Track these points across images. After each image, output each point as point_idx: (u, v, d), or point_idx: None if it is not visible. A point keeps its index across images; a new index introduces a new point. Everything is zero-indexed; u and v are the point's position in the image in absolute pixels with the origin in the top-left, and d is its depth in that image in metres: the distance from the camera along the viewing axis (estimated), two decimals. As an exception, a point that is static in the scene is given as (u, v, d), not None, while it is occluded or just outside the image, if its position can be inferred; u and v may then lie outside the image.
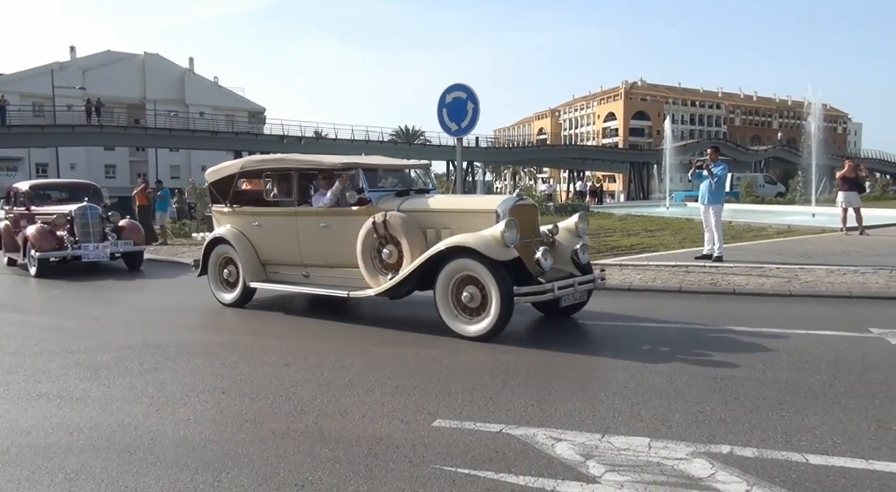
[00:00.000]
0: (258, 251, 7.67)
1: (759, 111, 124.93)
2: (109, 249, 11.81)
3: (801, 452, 3.24)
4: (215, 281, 8.08)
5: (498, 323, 5.69)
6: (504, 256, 5.65)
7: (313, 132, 56.60)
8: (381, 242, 6.48)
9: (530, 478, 3.02)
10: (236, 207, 7.96)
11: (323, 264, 7.16)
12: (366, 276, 6.56)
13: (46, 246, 11.33)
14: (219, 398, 4.34)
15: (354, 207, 6.73)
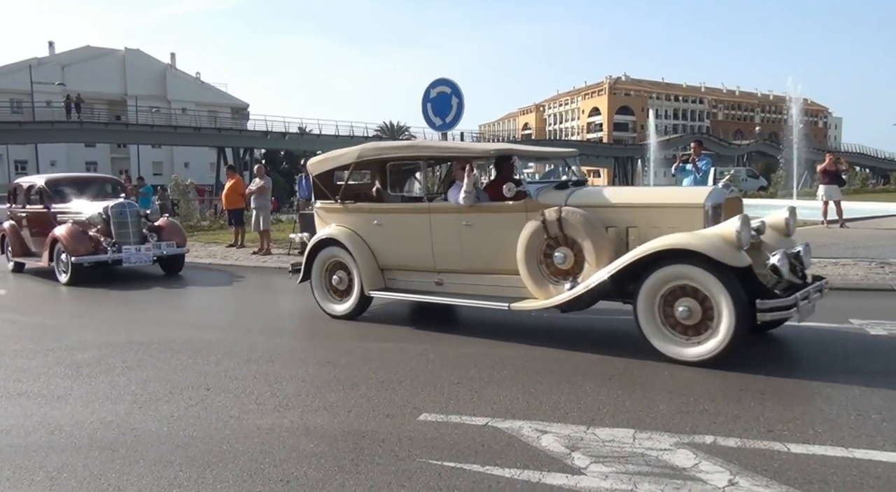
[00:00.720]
0: (376, 255, 6.53)
1: (742, 106, 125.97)
2: (153, 252, 10.28)
3: (783, 441, 3.28)
4: (322, 290, 6.87)
5: (730, 344, 4.53)
6: (739, 262, 4.54)
7: (297, 128, 56.29)
8: (552, 243, 5.38)
9: (516, 470, 3.03)
10: (349, 203, 6.82)
11: (463, 270, 6.03)
12: (529, 284, 5.45)
13: (81, 249, 9.82)
14: (203, 395, 4.31)
15: (509, 202, 5.65)
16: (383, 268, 6.55)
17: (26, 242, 11.46)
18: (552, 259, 5.37)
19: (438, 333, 6.09)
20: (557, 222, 5.27)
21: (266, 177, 13.67)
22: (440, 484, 2.93)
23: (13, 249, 11.73)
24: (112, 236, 10.08)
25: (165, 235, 10.72)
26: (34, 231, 11.23)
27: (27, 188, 11.70)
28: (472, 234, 5.88)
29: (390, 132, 76.65)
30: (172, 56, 72.07)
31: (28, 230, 11.44)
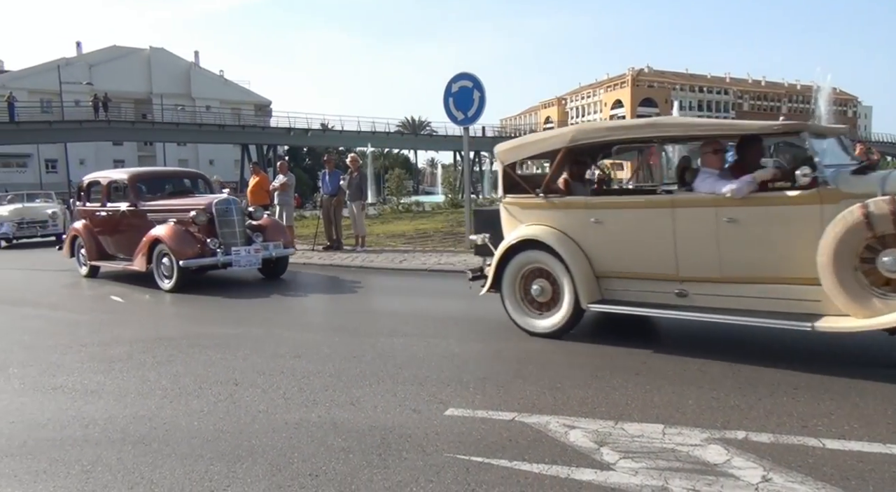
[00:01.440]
0: (592, 259, 5.40)
1: (768, 96, 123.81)
2: (262, 254, 9.21)
3: (818, 436, 3.22)
4: (517, 302, 5.70)
5: None
6: None
7: (320, 124, 56.58)
8: (876, 245, 4.14)
9: (544, 465, 3.02)
10: (555, 197, 5.65)
11: (719, 278, 4.84)
12: (839, 297, 4.22)
13: (189, 252, 8.71)
14: (231, 390, 4.35)
15: (795, 192, 4.50)
16: (599, 275, 5.41)
17: (102, 244, 10.40)
18: (877, 265, 4.11)
19: (463, 329, 6.08)
20: (892, 216, 4.01)
21: (289, 173, 13.76)
22: (468, 479, 2.92)
23: (88, 252, 10.51)
24: (217, 237, 8.96)
25: (270, 235, 9.58)
26: (117, 231, 10.10)
27: (107, 184, 10.43)
28: (737, 232, 4.68)
29: (412, 127, 76.79)
30: (196, 54, 72.91)
31: (107, 230, 10.28)
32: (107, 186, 10.44)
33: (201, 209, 9.13)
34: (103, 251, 10.43)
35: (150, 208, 9.71)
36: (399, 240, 13.83)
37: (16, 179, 52.00)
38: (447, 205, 21.73)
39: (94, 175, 11.31)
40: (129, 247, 9.67)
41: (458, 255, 11.10)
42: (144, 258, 9.09)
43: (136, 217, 9.74)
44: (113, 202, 10.27)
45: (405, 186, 25.60)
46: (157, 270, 9.01)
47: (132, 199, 9.86)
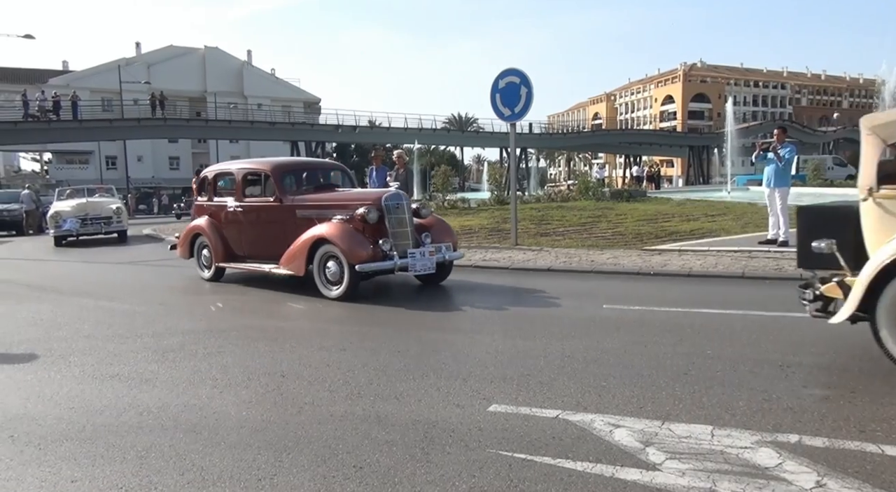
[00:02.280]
0: None
1: (828, 90, 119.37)
2: (436, 258, 7.83)
3: (877, 442, 3.09)
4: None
5: None
6: None
7: (367, 121, 57.10)
8: None
9: (588, 464, 2.98)
10: None
11: None
12: None
13: (363, 254, 7.35)
14: (279, 381, 4.44)
15: None
16: None
17: (231, 244, 9.14)
18: None
19: (506, 325, 6.06)
20: None
21: (337, 169, 13.93)
22: (511, 475, 2.91)
23: (215, 253, 9.20)
24: (388, 237, 7.64)
25: (438, 235, 8.27)
26: (255, 230, 8.83)
27: (243, 177, 9.11)
28: None
29: (458, 124, 76.76)
30: (249, 53, 74.46)
31: (241, 228, 9.01)
32: (242, 179, 9.10)
33: (370, 205, 7.67)
34: (231, 252, 9.15)
35: (303, 204, 8.29)
36: (444, 236, 13.83)
37: (78, 175, 54.15)
38: (493, 202, 21.64)
39: (220, 166, 10.16)
40: (268, 247, 8.47)
41: (501, 251, 11.06)
42: (302, 261, 7.72)
43: (282, 214, 8.36)
44: (251, 197, 9.00)
45: (451, 183, 25.54)
46: (319, 275, 7.68)
47: (277, 193, 8.46)
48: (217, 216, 9.41)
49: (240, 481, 2.95)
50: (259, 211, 8.85)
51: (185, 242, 9.86)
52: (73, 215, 17.04)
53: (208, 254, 9.43)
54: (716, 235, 12.09)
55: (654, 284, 8.08)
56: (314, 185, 9.05)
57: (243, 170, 9.28)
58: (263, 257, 8.63)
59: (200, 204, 9.82)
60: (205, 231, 9.39)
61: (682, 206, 18.96)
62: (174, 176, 63.48)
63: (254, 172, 9.26)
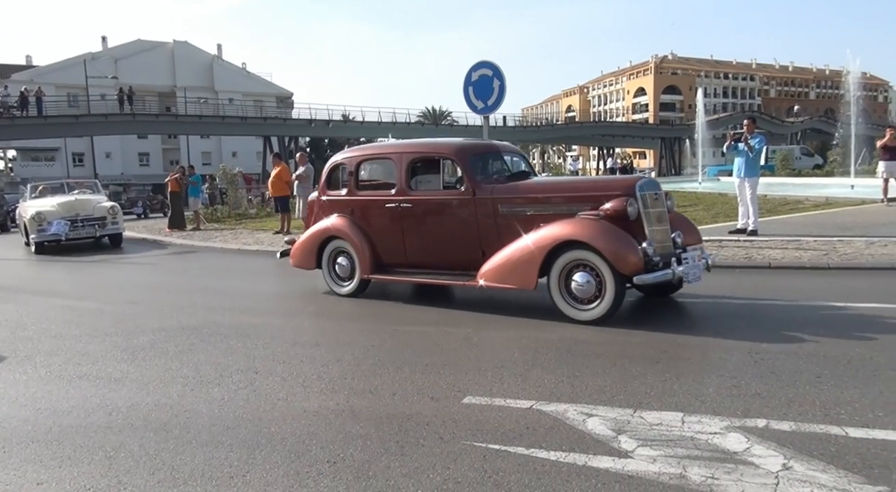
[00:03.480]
0: None
1: (795, 82, 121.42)
2: (703, 263, 6.00)
3: (841, 425, 3.16)
4: None
5: None
6: None
7: (341, 115, 56.72)
8: None
9: (561, 453, 3.01)
10: None
11: None
12: None
13: (637, 262, 5.41)
14: (252, 378, 4.40)
15: None
16: None
17: (383, 249, 7.04)
18: None
19: (481, 317, 6.08)
20: None
21: (308, 164, 13.84)
22: (485, 466, 2.92)
23: (363, 262, 7.06)
24: (646, 237, 5.62)
25: (687, 234, 6.33)
26: (427, 231, 6.76)
27: (410, 164, 6.86)
28: None
29: (432, 117, 76.62)
30: (219, 47, 73.41)
31: (404, 230, 6.83)
32: (409, 166, 6.84)
33: (622, 195, 5.69)
34: (382, 260, 7.08)
35: (512, 196, 6.28)
36: (419, 230, 13.83)
37: (44, 172, 52.95)
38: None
39: (362, 151, 7.72)
40: (447, 253, 6.59)
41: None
42: (532, 272, 5.72)
43: (476, 210, 6.32)
44: (423, 189, 6.88)
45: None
46: (560, 288, 5.67)
47: (468, 183, 6.36)
48: (363, 215, 7.17)
49: (211, 479, 2.91)
50: (437, 207, 6.68)
51: (308, 249, 7.59)
52: (60, 216, 13.82)
53: (347, 263, 7.28)
54: (687, 225, 12.22)
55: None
56: (501, 173, 6.86)
57: (408, 154, 6.96)
58: (436, 266, 6.68)
59: (332, 200, 7.49)
60: (345, 234, 7.17)
61: (655, 197, 19.11)
62: (144, 172, 62.39)
63: (426, 156, 7.03)
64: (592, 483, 2.72)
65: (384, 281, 7.27)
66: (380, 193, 7.14)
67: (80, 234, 14.04)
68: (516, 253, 5.89)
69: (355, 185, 7.29)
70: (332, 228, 7.34)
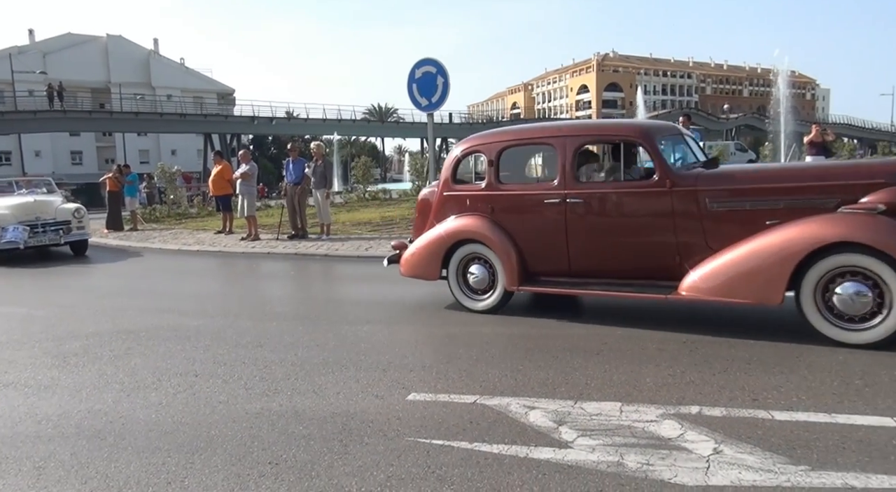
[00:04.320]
0: None
1: (730, 80, 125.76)
2: None
3: (768, 409, 3.31)
4: None
5: None
6: None
7: (285, 112, 55.81)
8: None
9: (504, 446, 3.05)
10: None
11: None
12: None
13: None
14: (191, 381, 4.30)
15: None
16: None
17: (533, 255, 5.76)
18: None
19: (427, 315, 6.10)
20: None
21: (251, 162, 13.59)
22: (428, 462, 2.94)
23: (510, 270, 5.73)
24: None
25: None
26: (604, 232, 5.47)
27: (577, 150, 5.59)
28: None
29: (379, 114, 76.18)
30: (155, 42, 71.21)
31: (569, 231, 5.54)
32: (576, 153, 5.57)
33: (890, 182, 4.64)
34: (527, 267, 5.81)
35: (728, 188, 5.11)
36: (365, 228, 13.77)
37: (-32, 172, 50.31)
38: (414, 192, 21.68)
39: (504, 135, 6.17)
40: (633, 260, 5.39)
41: (423, 241, 11.08)
42: (780, 282, 4.54)
43: (674, 204, 5.17)
44: (593, 179, 5.75)
45: (372, 174, 25.37)
46: (817, 303, 4.50)
47: (660, 172, 5.20)
48: (509, 213, 5.89)
49: (148, 486, 2.84)
50: (617, 202, 5.48)
51: (430, 255, 6.17)
52: (17, 221, 11.83)
53: (483, 272, 5.94)
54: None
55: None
56: (686, 159, 5.78)
57: (575, 138, 5.61)
58: (612, 275, 5.48)
59: (461, 195, 6.16)
60: (484, 237, 5.88)
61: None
62: (77, 171, 59.91)
63: (601, 139, 6.03)
64: (533, 474, 2.77)
65: (539, 293, 6.14)
66: (533, 187, 5.94)
67: (42, 240, 12.05)
68: (748, 259, 4.70)
69: (496, 177, 5.93)
70: (466, 229, 5.98)
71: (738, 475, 2.65)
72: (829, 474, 2.62)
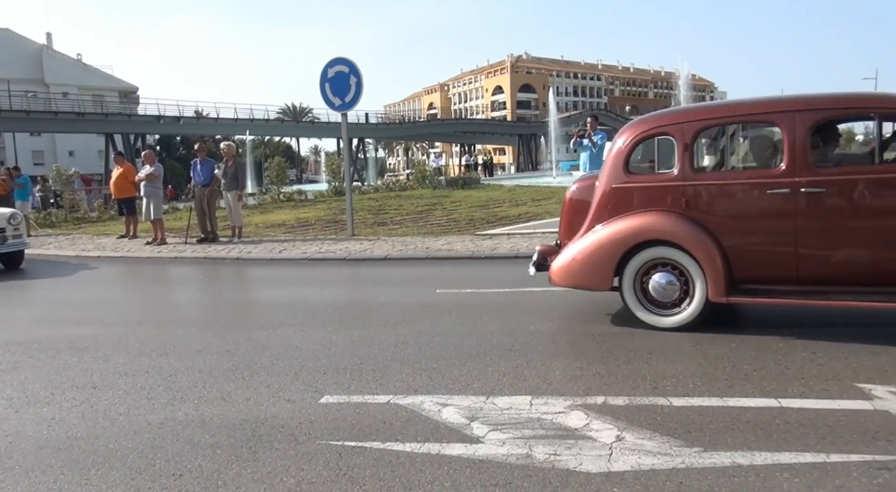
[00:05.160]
0: None
1: (636, 82, 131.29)
2: None
3: (667, 396, 3.48)
4: None
5: None
6: None
7: (193, 112, 53.75)
8: None
9: (416, 444, 3.06)
10: None
11: None
12: None
13: None
14: (89, 394, 4.07)
15: None
16: None
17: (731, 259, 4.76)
18: None
19: (341, 316, 6.04)
20: None
21: (157, 163, 13.01)
22: (340, 464, 2.91)
23: (713, 279, 4.71)
24: None
25: None
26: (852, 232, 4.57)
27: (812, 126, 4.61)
28: None
29: (293, 114, 74.70)
30: (49, 36, 66.77)
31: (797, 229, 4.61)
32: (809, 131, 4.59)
33: None
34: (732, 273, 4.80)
35: None
36: (279, 230, 13.47)
37: None
38: (331, 193, 21.38)
39: (699, 113, 5.22)
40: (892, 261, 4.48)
41: (338, 242, 10.97)
42: None
43: None
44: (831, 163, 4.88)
45: (287, 175, 24.80)
46: None
47: None
48: (712, 208, 4.88)
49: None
50: (875, 190, 4.52)
51: (602, 260, 5.06)
52: None
53: (671, 281, 4.88)
54: (541, 218, 12.86)
55: (485, 267, 8.44)
56: None
57: (808, 113, 4.64)
58: (861, 281, 4.57)
59: (643, 187, 5.11)
60: (678, 237, 4.83)
61: (513, 192, 19.95)
62: (-38, 174, 55.41)
63: (849, 111, 5.01)
64: (445, 470, 2.80)
65: (754, 304, 5.15)
66: (747, 175, 5.07)
67: None
68: None
69: (691, 164, 4.93)
70: (651, 228, 4.93)
71: (637, 460, 2.77)
72: (719, 455, 2.79)
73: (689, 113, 5.21)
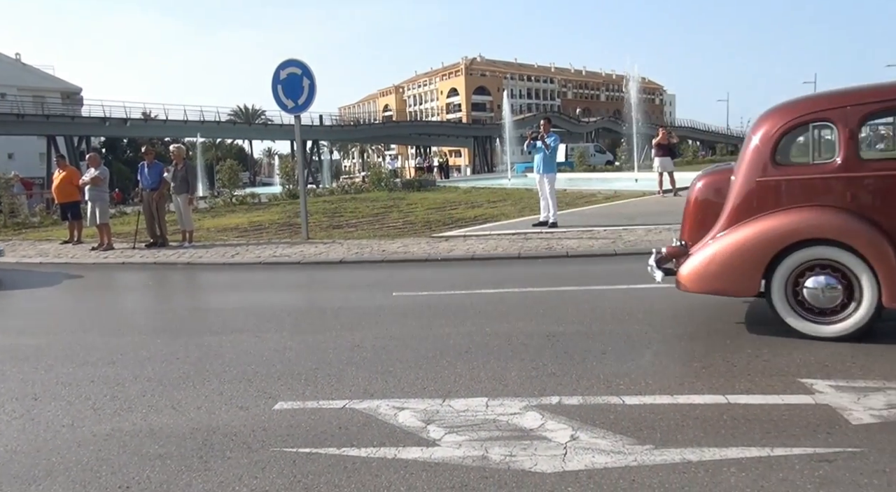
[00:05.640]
0: None
1: (589, 85, 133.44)
2: None
3: (620, 395, 3.54)
4: None
5: None
6: None
7: (140, 113, 52.32)
8: None
9: (372, 449, 3.04)
10: None
11: None
12: None
13: None
14: (29, 405, 3.91)
15: None
16: None
17: None
18: None
19: (296, 321, 5.96)
20: None
21: (102, 166, 12.61)
22: (294, 471, 2.87)
23: (888, 282, 4.20)
24: None
25: None
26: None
27: None
28: None
29: (245, 116, 73.42)
30: (-14, 34, 64.02)
31: None
32: None
33: None
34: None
35: None
36: (231, 233, 13.21)
37: None
38: (285, 196, 21.10)
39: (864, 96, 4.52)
40: None
41: (293, 246, 10.82)
42: None
43: None
44: None
45: (240, 178, 24.33)
46: None
47: None
48: (884, 202, 4.35)
49: (-25, 527, 2.55)
50: None
51: (748, 262, 4.51)
52: None
53: (832, 285, 4.36)
54: (497, 219, 12.95)
55: (441, 269, 8.44)
56: None
57: None
58: None
59: (790, 180, 4.59)
60: (844, 235, 4.31)
61: (468, 194, 20.04)
62: None
63: None
64: (401, 474, 2.79)
65: None
66: None
67: None
68: None
69: (856, 153, 4.40)
70: (810, 226, 4.40)
71: (591, 459, 2.81)
72: (669, 451, 2.85)
73: (852, 95, 4.56)
